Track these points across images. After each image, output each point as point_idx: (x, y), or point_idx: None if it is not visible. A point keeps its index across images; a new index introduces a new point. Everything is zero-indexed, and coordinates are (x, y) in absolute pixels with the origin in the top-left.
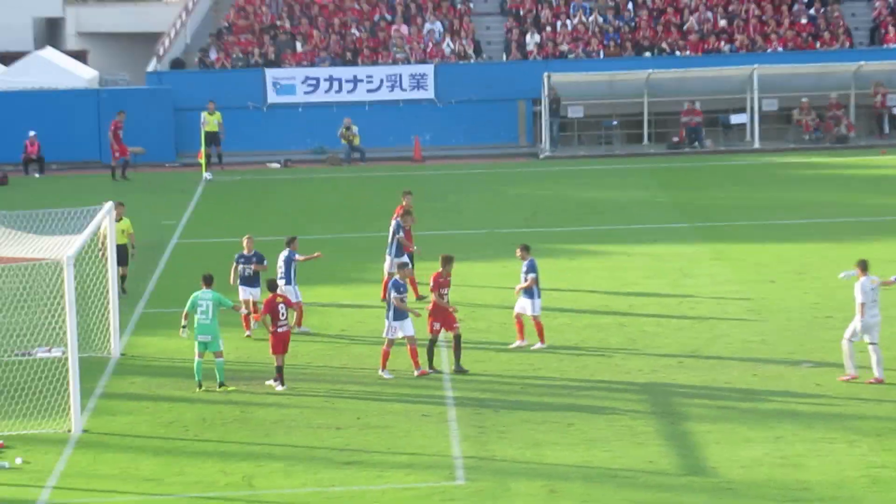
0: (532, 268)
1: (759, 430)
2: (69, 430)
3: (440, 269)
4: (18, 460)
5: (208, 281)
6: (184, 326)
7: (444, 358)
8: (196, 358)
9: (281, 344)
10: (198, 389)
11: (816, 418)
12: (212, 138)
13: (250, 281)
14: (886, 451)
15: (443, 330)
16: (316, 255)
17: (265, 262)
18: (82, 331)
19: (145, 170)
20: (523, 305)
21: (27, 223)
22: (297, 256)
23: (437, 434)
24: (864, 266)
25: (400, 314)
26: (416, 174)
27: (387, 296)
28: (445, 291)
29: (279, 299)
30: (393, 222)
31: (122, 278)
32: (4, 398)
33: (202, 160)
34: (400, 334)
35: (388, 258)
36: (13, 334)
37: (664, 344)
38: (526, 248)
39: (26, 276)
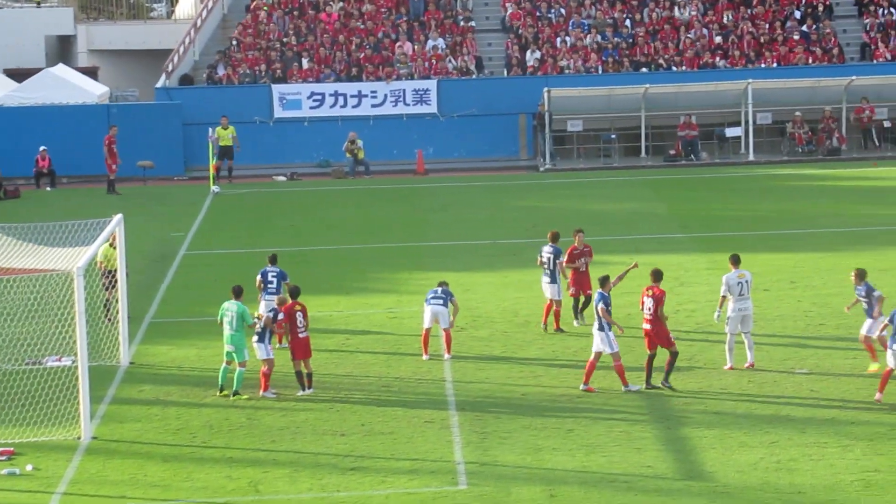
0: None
1: (755, 435)
2: (79, 438)
3: (651, 284)
4: (29, 467)
5: (237, 293)
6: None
7: (446, 370)
8: (223, 364)
9: (300, 349)
10: (218, 394)
11: (810, 423)
12: (225, 152)
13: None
14: (879, 456)
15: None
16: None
17: (288, 278)
18: (92, 340)
19: (154, 183)
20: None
21: (38, 235)
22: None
23: (439, 440)
24: (735, 260)
25: (608, 327)
26: (419, 186)
27: (596, 310)
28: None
29: (297, 307)
30: (550, 247)
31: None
32: (16, 406)
33: (212, 172)
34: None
35: (549, 286)
36: (25, 344)
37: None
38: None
39: (38, 286)
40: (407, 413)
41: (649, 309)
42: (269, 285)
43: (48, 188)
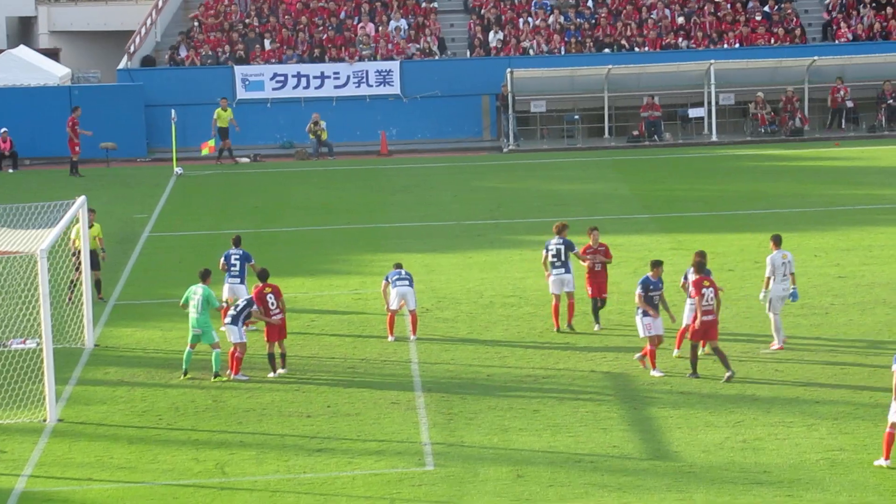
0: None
1: (720, 415)
2: (44, 420)
3: (698, 275)
4: None
5: (204, 276)
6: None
7: (412, 351)
8: (188, 348)
9: (275, 332)
10: (182, 377)
11: (775, 403)
12: (223, 134)
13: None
14: (844, 435)
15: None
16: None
17: (252, 260)
18: (56, 322)
19: (117, 164)
20: None
21: (1, 217)
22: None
23: (406, 421)
24: (777, 240)
25: (652, 311)
26: (382, 168)
27: (640, 295)
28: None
29: (268, 289)
30: (558, 239)
31: (97, 283)
32: None
33: (204, 151)
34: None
35: (564, 276)
36: None
37: (626, 331)
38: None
39: (1, 269)
40: (373, 394)
41: (711, 299)
42: (233, 268)
43: (10, 170)
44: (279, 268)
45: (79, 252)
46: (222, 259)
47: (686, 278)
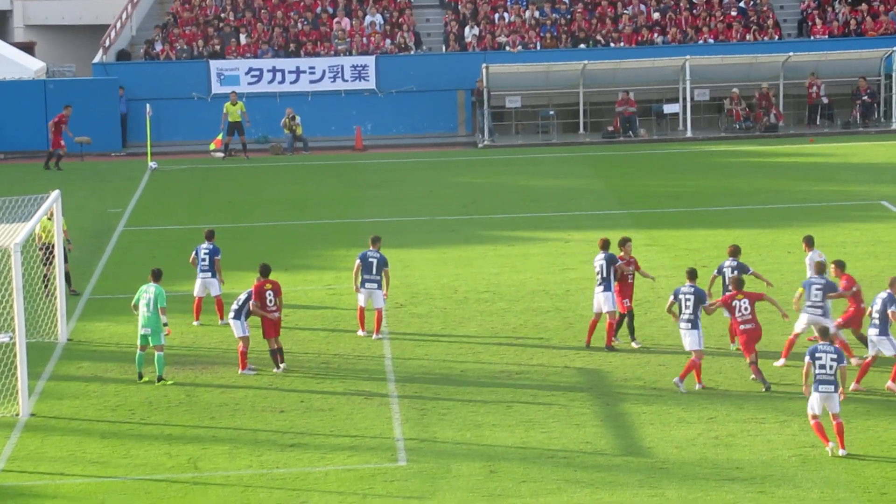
0: None
1: (693, 411)
2: (17, 414)
3: (733, 290)
4: None
5: (156, 275)
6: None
7: (386, 346)
8: (138, 350)
9: (271, 327)
10: (139, 381)
11: (748, 399)
12: (234, 127)
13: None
14: None
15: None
16: None
17: (220, 255)
18: (30, 316)
19: (92, 159)
20: None
21: None
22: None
23: (378, 416)
24: (809, 241)
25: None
26: (357, 163)
27: (693, 305)
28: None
29: (268, 286)
30: (602, 255)
31: (66, 276)
32: None
33: (212, 146)
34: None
35: (603, 295)
36: None
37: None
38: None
39: None
40: (346, 389)
41: (746, 309)
42: (202, 262)
43: None
44: (253, 263)
45: (45, 246)
46: (193, 253)
47: (720, 272)
